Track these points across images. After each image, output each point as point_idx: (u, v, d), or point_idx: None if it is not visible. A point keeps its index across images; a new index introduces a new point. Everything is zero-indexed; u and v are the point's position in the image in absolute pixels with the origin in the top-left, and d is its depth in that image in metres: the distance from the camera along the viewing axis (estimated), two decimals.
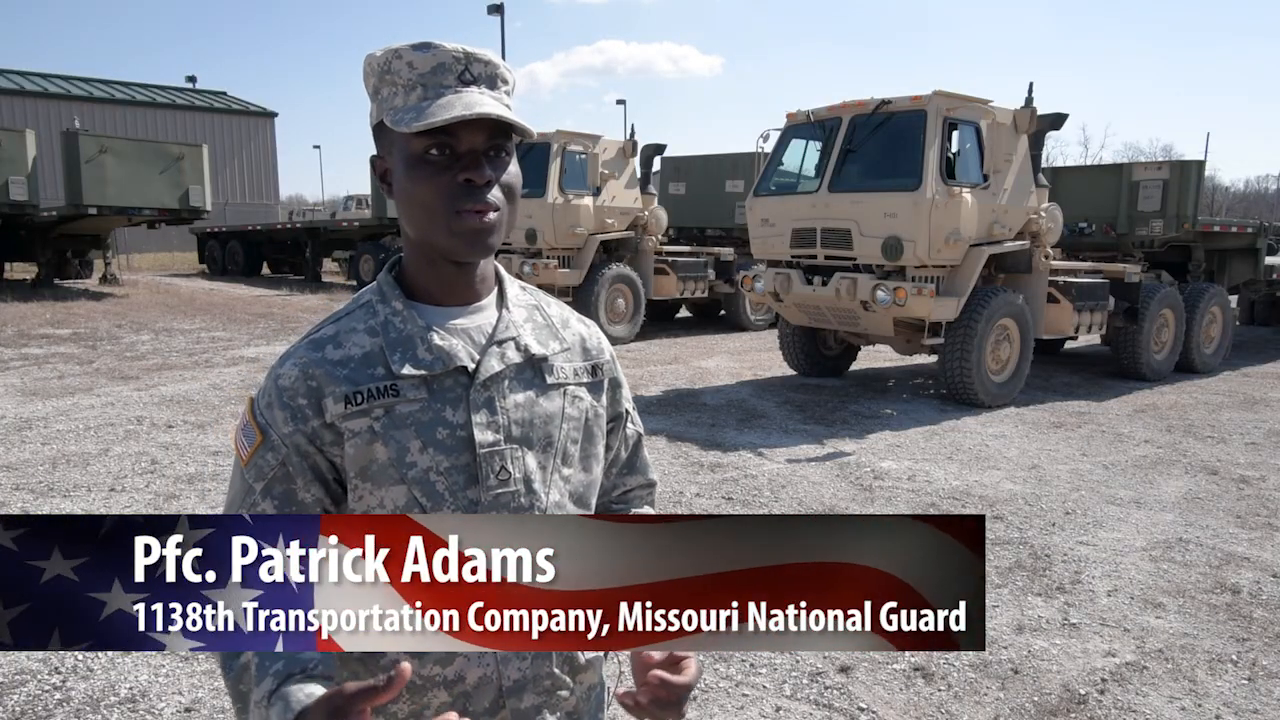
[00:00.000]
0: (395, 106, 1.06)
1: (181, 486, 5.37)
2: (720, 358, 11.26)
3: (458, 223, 1.05)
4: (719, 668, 3.30)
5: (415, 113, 1.03)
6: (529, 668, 1.12)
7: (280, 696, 0.97)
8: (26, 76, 34.81)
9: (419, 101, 1.04)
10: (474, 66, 1.07)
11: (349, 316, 1.14)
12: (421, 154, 1.05)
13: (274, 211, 38.29)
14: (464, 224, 1.05)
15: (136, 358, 10.19)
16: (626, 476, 1.36)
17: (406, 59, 1.05)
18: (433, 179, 1.05)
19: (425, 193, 1.05)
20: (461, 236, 1.06)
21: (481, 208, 1.05)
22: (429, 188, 1.05)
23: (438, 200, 1.05)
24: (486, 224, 1.06)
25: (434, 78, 1.05)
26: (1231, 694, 3.19)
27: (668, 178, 16.20)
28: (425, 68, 1.05)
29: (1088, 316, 9.17)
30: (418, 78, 1.05)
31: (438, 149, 1.04)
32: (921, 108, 7.84)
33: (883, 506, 5.29)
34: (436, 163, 1.05)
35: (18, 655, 3.30)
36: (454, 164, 1.05)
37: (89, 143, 16.19)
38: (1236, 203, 58.05)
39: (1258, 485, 5.87)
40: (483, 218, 1.06)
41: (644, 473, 1.38)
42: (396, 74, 1.06)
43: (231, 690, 1.04)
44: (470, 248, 1.07)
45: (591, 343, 1.26)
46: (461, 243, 1.06)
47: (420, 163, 1.05)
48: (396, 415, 1.07)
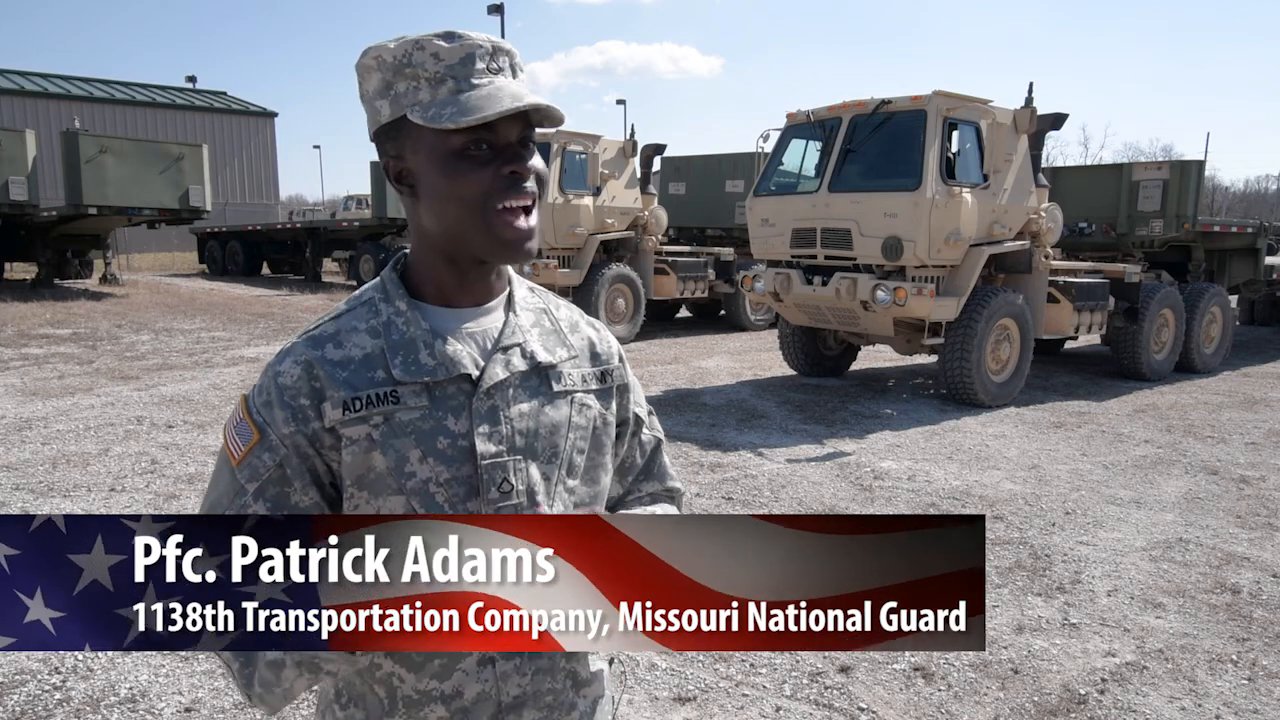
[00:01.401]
0: (421, 101, 1.00)
1: (181, 486, 5.37)
2: (720, 358, 11.26)
3: (500, 225, 1.03)
4: (719, 668, 3.30)
5: (455, 106, 0.99)
6: (529, 683, 1.07)
7: None
8: (26, 76, 34.82)
9: (451, 94, 1.00)
10: (500, 56, 1.03)
11: (350, 314, 1.09)
12: (462, 150, 1.01)
13: (274, 211, 38.30)
14: (507, 228, 1.03)
15: (136, 358, 10.19)
16: (643, 483, 1.28)
17: (431, 50, 1.00)
18: (475, 173, 1.01)
19: (467, 189, 1.01)
20: (502, 241, 1.03)
21: (525, 201, 1.03)
22: (471, 183, 1.01)
23: (481, 196, 1.01)
24: (529, 228, 1.05)
25: (463, 69, 1.01)
26: (1231, 694, 3.19)
27: (668, 178, 16.20)
28: (453, 59, 1.00)
29: (1088, 316, 9.17)
30: (446, 70, 1.00)
31: (477, 144, 1.01)
32: (921, 108, 7.84)
33: (883, 506, 5.28)
34: (478, 157, 1.01)
35: (18, 655, 3.30)
36: (495, 158, 1.02)
37: (89, 143, 16.19)
38: (1236, 203, 58.05)
39: (1258, 485, 5.87)
40: (525, 218, 1.04)
41: (662, 479, 1.30)
42: (419, 66, 1.01)
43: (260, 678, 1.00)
44: (509, 251, 1.05)
45: (601, 347, 1.20)
46: (502, 246, 1.04)
47: (461, 158, 1.01)
48: (396, 423, 1.03)
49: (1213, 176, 52.36)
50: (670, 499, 1.31)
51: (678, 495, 1.32)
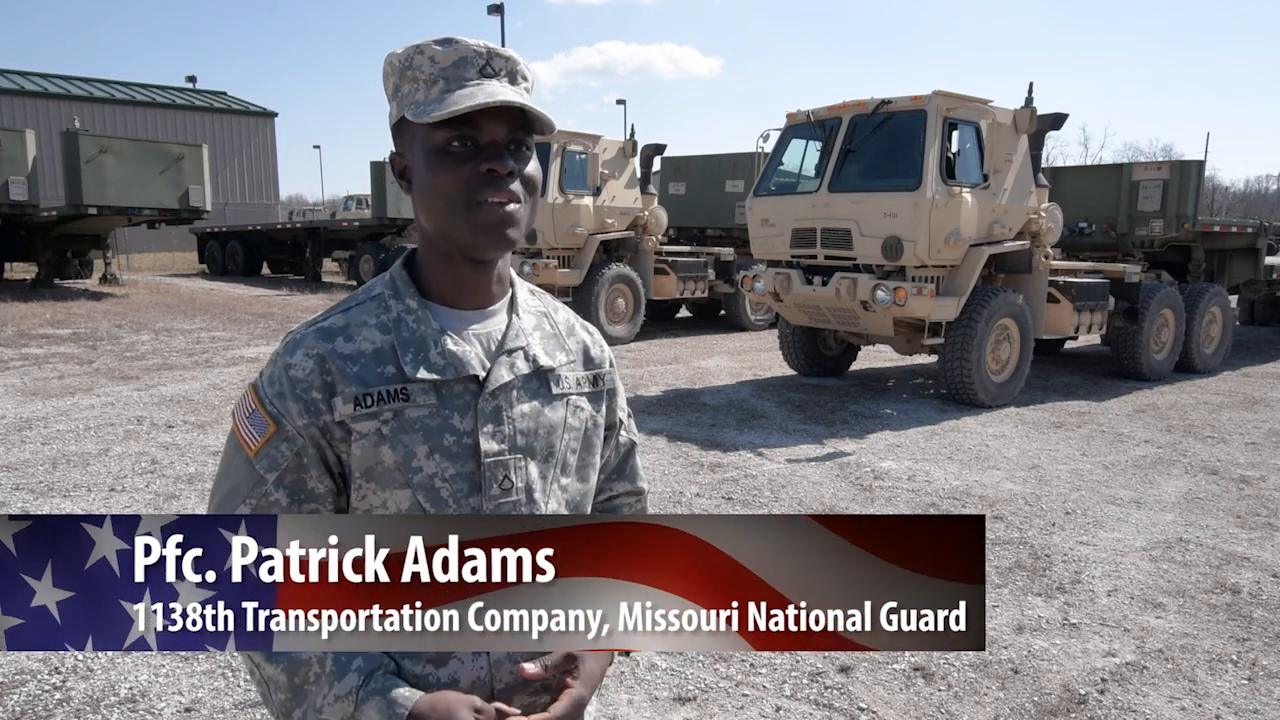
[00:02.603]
0: (416, 101, 1.05)
1: (181, 486, 5.37)
2: (720, 358, 11.26)
3: (478, 214, 1.04)
4: (719, 668, 3.30)
5: (437, 104, 1.02)
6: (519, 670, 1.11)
7: (376, 692, 0.99)
8: (26, 76, 34.82)
9: (441, 94, 1.03)
10: (495, 61, 1.06)
11: (359, 308, 1.12)
12: (443, 146, 1.04)
13: (274, 211, 38.30)
14: (485, 214, 1.04)
15: (136, 358, 10.19)
16: (615, 482, 1.36)
17: (429, 54, 1.05)
18: (454, 169, 1.04)
19: (446, 183, 1.04)
20: (482, 228, 1.04)
21: (502, 197, 1.04)
22: (450, 178, 1.04)
23: (458, 191, 1.04)
24: (508, 213, 1.05)
25: (455, 71, 1.04)
26: (1231, 694, 3.19)
27: (668, 178, 16.20)
28: (447, 62, 1.04)
29: (1088, 316, 9.17)
30: (439, 72, 1.04)
31: (459, 140, 1.04)
32: (921, 108, 7.84)
33: (883, 506, 5.28)
34: (458, 154, 1.04)
35: (18, 655, 3.30)
36: (475, 155, 1.04)
37: (89, 143, 16.19)
38: (1236, 203, 58.06)
39: (1258, 485, 5.87)
40: (504, 206, 1.05)
41: (632, 480, 1.38)
42: (418, 69, 1.05)
43: (281, 680, 1.01)
44: (491, 238, 1.05)
45: (594, 351, 1.25)
46: (482, 235, 1.05)
47: (442, 154, 1.04)
48: (405, 420, 1.06)
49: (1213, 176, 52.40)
50: (637, 499, 1.39)
51: (644, 497, 1.41)
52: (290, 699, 1.02)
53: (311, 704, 1.00)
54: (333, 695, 0.99)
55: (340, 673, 1.00)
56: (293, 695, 1.01)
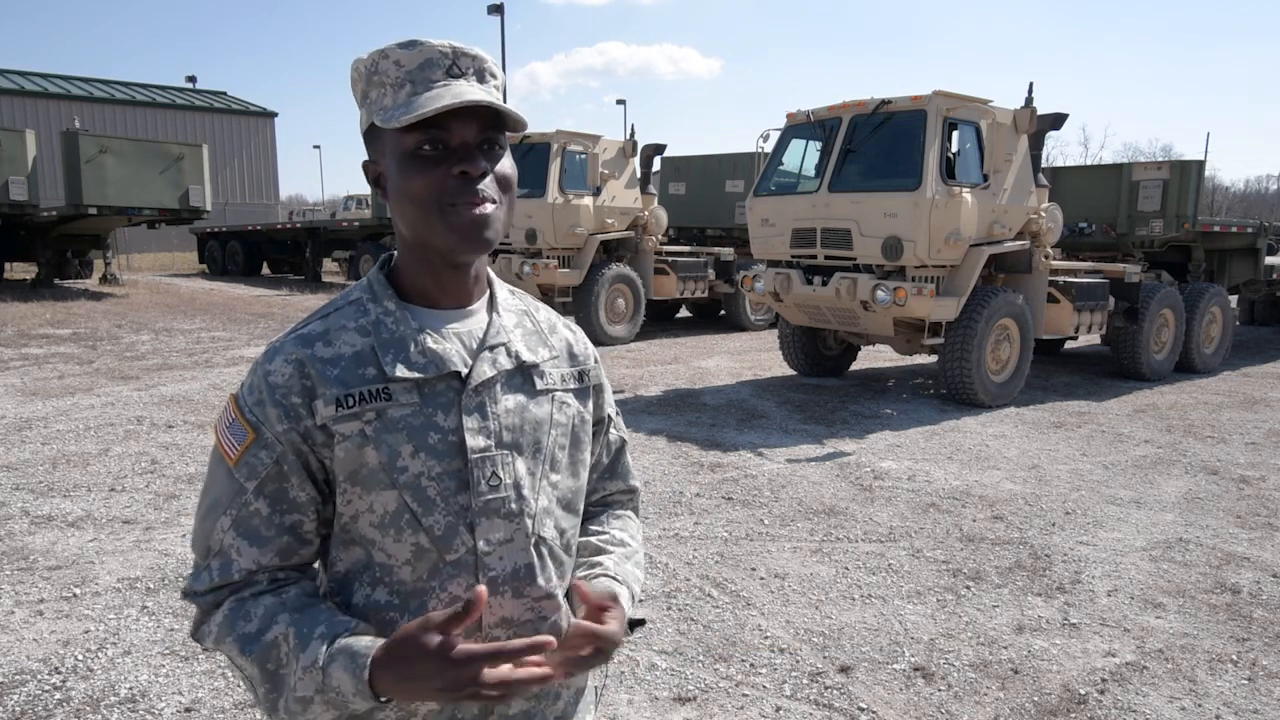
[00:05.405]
0: (384, 106, 1.04)
1: (181, 486, 5.37)
2: (720, 358, 11.26)
3: (453, 217, 1.03)
4: (719, 668, 3.30)
5: (404, 108, 1.01)
6: None
7: (340, 652, 0.97)
8: (26, 76, 34.82)
9: (408, 98, 1.02)
10: (461, 61, 1.05)
11: (337, 313, 1.11)
12: (413, 150, 1.03)
13: (274, 211, 38.31)
14: (460, 218, 1.03)
15: (136, 358, 10.19)
16: (607, 481, 1.35)
17: (394, 58, 1.04)
18: (426, 174, 1.02)
19: (418, 188, 1.02)
20: (458, 231, 1.03)
21: (476, 200, 1.03)
22: (422, 183, 1.02)
23: (431, 195, 1.02)
24: (483, 215, 1.04)
25: (421, 73, 1.03)
26: (1231, 694, 3.19)
27: (668, 178, 16.19)
28: (412, 64, 1.03)
29: (1088, 316, 9.17)
30: (405, 75, 1.03)
31: (430, 144, 1.02)
32: (921, 108, 7.84)
33: (883, 506, 5.28)
34: (429, 157, 1.03)
35: (18, 655, 3.30)
36: (447, 158, 1.03)
37: (89, 143, 16.19)
38: (1236, 203, 58.08)
39: (1258, 485, 5.87)
40: (478, 209, 1.03)
41: (625, 478, 1.37)
42: (384, 74, 1.04)
43: (256, 673, 1.01)
44: (467, 241, 1.04)
45: (578, 348, 1.25)
46: (458, 237, 1.04)
47: (412, 159, 1.03)
48: (388, 419, 1.05)
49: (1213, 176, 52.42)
50: (630, 498, 1.39)
51: (637, 495, 1.41)
52: (271, 689, 1.00)
53: (290, 687, 0.98)
54: (300, 669, 0.97)
55: (303, 644, 0.98)
56: (272, 685, 1.00)
